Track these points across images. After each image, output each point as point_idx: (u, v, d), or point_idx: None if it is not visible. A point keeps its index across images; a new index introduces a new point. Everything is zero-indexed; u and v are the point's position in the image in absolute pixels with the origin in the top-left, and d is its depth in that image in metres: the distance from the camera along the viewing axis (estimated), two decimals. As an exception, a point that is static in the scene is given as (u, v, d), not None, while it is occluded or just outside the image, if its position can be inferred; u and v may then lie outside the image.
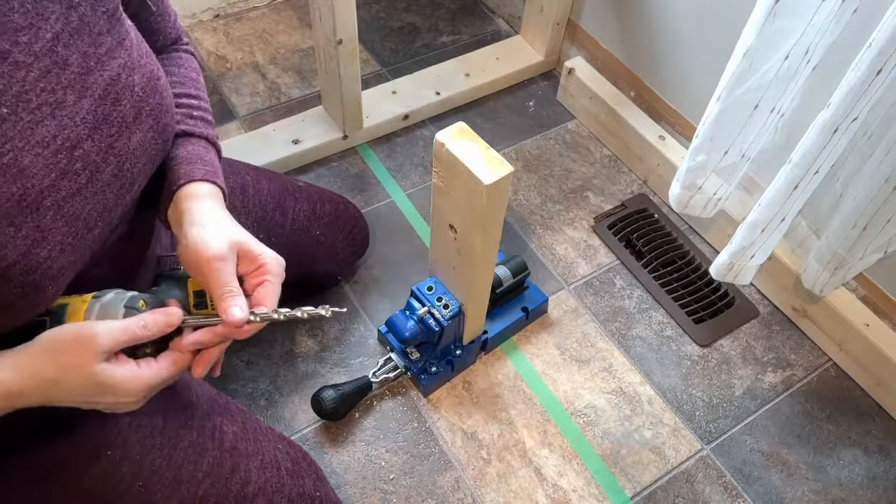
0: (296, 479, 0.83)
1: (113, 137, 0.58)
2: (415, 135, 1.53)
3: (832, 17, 0.89)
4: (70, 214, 0.55)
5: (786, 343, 1.27)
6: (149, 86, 0.61)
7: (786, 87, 1.00)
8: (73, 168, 0.55)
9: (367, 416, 1.14)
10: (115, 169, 0.59)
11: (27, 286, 0.53)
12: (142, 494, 0.71)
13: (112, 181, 0.59)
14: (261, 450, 0.81)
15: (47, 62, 0.53)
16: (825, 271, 1.11)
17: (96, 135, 0.56)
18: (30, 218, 0.52)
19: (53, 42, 0.53)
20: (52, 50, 0.53)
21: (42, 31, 0.52)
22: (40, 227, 0.53)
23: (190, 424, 0.77)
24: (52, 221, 0.54)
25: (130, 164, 0.61)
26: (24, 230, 0.52)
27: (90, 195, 0.57)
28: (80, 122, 0.55)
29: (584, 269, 1.35)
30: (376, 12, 1.78)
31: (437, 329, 1.07)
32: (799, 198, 0.99)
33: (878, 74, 0.81)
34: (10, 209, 0.50)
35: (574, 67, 1.52)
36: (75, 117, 0.55)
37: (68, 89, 0.54)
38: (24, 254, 0.52)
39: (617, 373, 1.22)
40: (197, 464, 0.75)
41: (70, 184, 0.55)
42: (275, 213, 1.02)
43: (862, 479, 1.13)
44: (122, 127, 0.59)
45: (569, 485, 1.09)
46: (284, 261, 0.66)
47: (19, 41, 0.50)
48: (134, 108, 0.59)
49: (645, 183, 1.48)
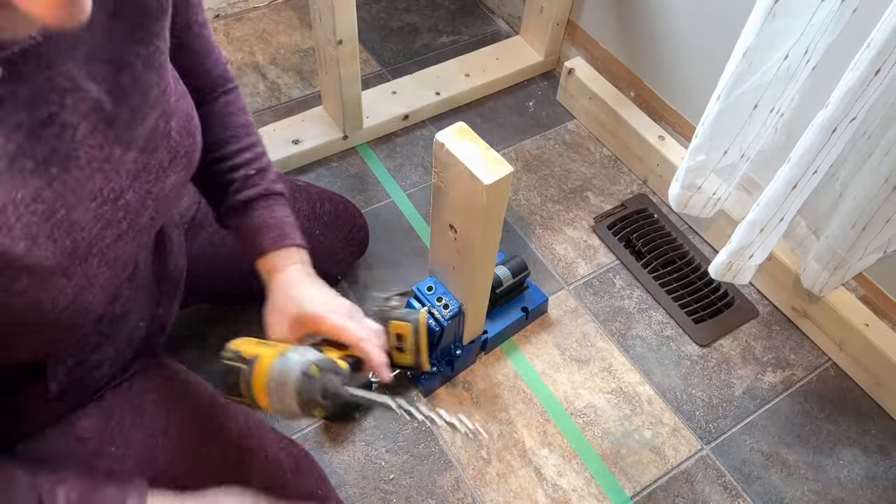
0: (298, 477, 0.84)
1: (150, 184, 0.58)
2: (415, 135, 1.53)
3: (831, 17, 0.89)
4: (112, 259, 0.57)
5: (785, 343, 1.27)
6: (184, 129, 0.61)
7: (785, 87, 1.00)
8: (116, 217, 0.56)
9: (367, 416, 1.14)
10: (153, 212, 0.60)
11: (72, 326, 0.55)
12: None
13: (149, 224, 0.61)
14: (263, 448, 0.82)
15: (94, 119, 0.52)
16: (825, 271, 1.11)
17: (136, 184, 0.57)
18: (79, 268, 0.53)
19: (99, 102, 0.53)
20: (100, 109, 0.53)
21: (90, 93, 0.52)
22: (87, 275, 0.54)
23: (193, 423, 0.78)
24: (98, 268, 0.55)
25: (165, 205, 0.62)
26: (75, 279, 0.53)
27: (129, 239, 0.58)
28: (125, 174, 0.56)
29: (583, 269, 1.35)
30: (376, 12, 1.78)
31: (437, 329, 1.07)
32: (798, 197, 0.99)
33: (877, 74, 0.81)
34: (62, 261, 0.51)
35: (574, 68, 1.52)
36: (120, 169, 0.55)
37: (115, 144, 0.54)
38: (73, 300, 0.53)
39: (617, 373, 1.22)
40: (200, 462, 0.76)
41: (113, 231, 0.56)
42: None
43: (861, 479, 1.13)
44: (160, 172, 0.59)
45: (569, 485, 1.09)
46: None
47: (65, 104, 0.50)
48: (170, 153, 0.60)
49: (645, 183, 1.48)
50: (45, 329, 0.54)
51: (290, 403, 0.66)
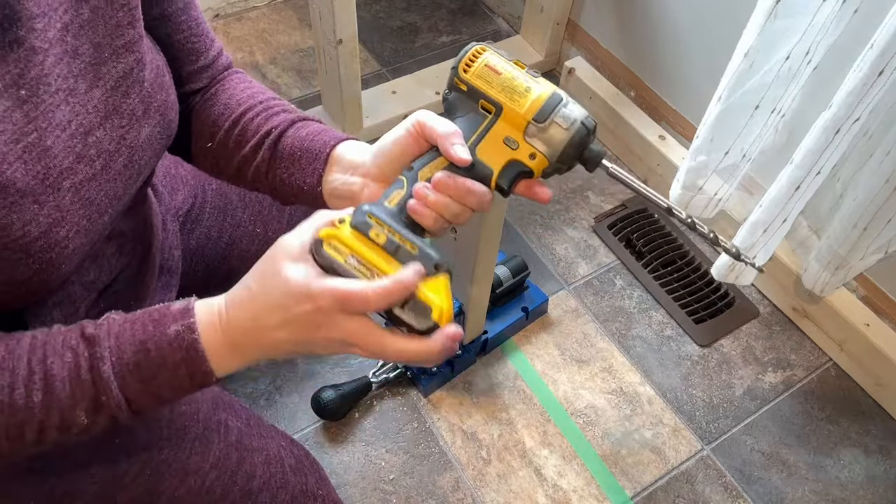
0: (299, 477, 0.84)
1: (124, 129, 0.59)
2: (415, 135, 1.53)
3: (833, 17, 0.89)
4: (86, 198, 0.57)
5: (786, 343, 1.27)
6: (156, 82, 0.62)
7: (787, 88, 1.00)
8: (88, 153, 0.56)
9: (367, 416, 1.14)
10: (127, 160, 0.60)
11: (44, 263, 0.54)
12: (149, 483, 0.72)
13: (123, 171, 0.60)
14: (265, 446, 0.82)
15: (58, 50, 0.54)
16: (825, 271, 1.11)
17: (108, 124, 0.58)
18: (51, 197, 0.53)
19: (63, 32, 0.54)
20: (63, 39, 0.54)
21: (53, 21, 0.53)
22: (60, 208, 0.54)
23: (196, 417, 0.78)
24: (71, 203, 0.55)
25: (139, 157, 0.62)
26: (46, 209, 0.53)
27: (104, 182, 0.58)
28: (92, 111, 0.56)
29: (584, 269, 1.35)
30: (376, 12, 1.78)
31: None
32: (801, 198, 0.99)
33: (880, 76, 0.81)
34: (35, 186, 0.52)
35: (574, 67, 1.52)
36: (87, 105, 0.56)
37: (80, 77, 0.55)
38: (45, 231, 0.53)
39: (617, 373, 1.22)
40: (204, 455, 0.76)
41: (86, 168, 0.56)
42: (272, 208, 1.02)
43: (862, 479, 1.13)
44: (133, 120, 0.60)
45: (569, 485, 1.09)
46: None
47: (35, 28, 0.52)
48: (143, 102, 0.60)
49: (645, 183, 1.48)
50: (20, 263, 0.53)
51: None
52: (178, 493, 0.73)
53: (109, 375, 0.52)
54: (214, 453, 0.77)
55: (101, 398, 0.52)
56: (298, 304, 0.52)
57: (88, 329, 0.53)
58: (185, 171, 0.95)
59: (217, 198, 0.97)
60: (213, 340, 0.54)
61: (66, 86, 0.54)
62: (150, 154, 0.63)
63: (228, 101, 0.72)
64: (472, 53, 0.59)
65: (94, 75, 0.56)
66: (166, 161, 0.95)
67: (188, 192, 0.95)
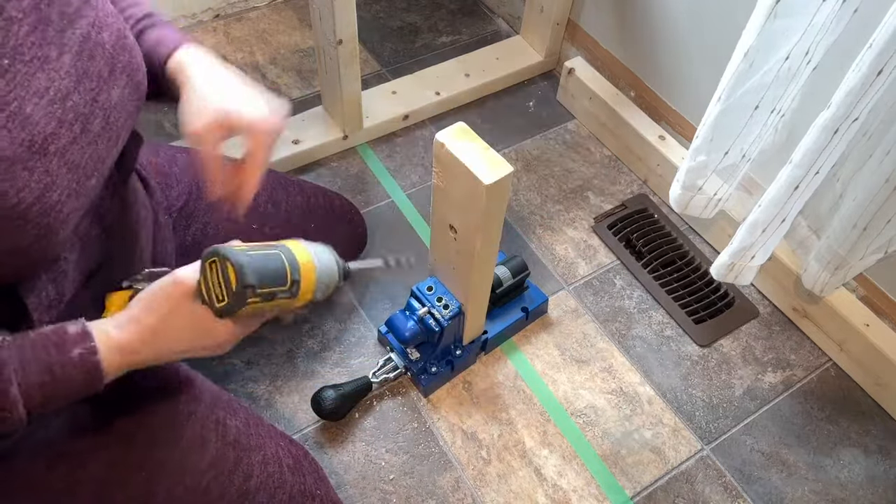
0: (297, 476, 0.84)
1: (95, 91, 0.61)
2: (415, 135, 1.53)
3: (833, 17, 0.89)
4: (71, 162, 0.59)
5: (786, 343, 1.27)
6: (118, 44, 0.64)
7: (786, 88, 1.00)
8: (67, 118, 0.58)
9: (367, 416, 1.14)
10: (103, 122, 0.62)
11: (42, 228, 0.56)
12: (147, 482, 0.72)
13: (101, 133, 0.63)
14: (263, 445, 0.82)
15: (33, 18, 0.56)
16: (825, 271, 1.11)
17: (80, 87, 0.60)
18: (39, 163, 0.55)
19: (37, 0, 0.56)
20: (37, 7, 0.57)
21: None
22: (49, 172, 0.56)
23: (194, 417, 0.78)
24: (58, 168, 0.57)
25: (114, 118, 0.64)
26: (37, 174, 0.55)
27: (85, 145, 0.61)
28: (65, 76, 0.59)
29: (584, 269, 1.35)
30: (376, 12, 1.78)
31: (437, 329, 1.07)
32: (799, 198, 0.99)
33: (879, 75, 0.81)
34: (22, 154, 0.54)
35: (574, 67, 1.52)
36: (60, 71, 0.58)
37: (51, 45, 0.58)
38: (39, 197, 0.55)
39: (617, 373, 1.22)
40: (201, 455, 0.76)
41: (67, 132, 0.58)
42: (267, 205, 1.02)
43: (862, 479, 1.13)
44: (101, 82, 0.62)
45: (569, 485, 1.09)
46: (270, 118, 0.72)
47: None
48: (107, 64, 0.63)
49: (645, 183, 1.48)
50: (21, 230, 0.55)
51: (328, 290, 0.71)
52: (175, 492, 0.74)
53: (16, 396, 0.56)
54: (212, 452, 0.77)
55: (4, 414, 0.57)
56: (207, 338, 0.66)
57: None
58: (179, 169, 0.96)
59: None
60: (111, 360, 0.62)
61: (41, 53, 0.56)
62: (125, 115, 0.66)
63: None
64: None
65: (61, 41, 0.58)
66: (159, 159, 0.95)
67: (181, 189, 0.95)
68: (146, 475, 0.72)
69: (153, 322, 0.63)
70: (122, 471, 0.72)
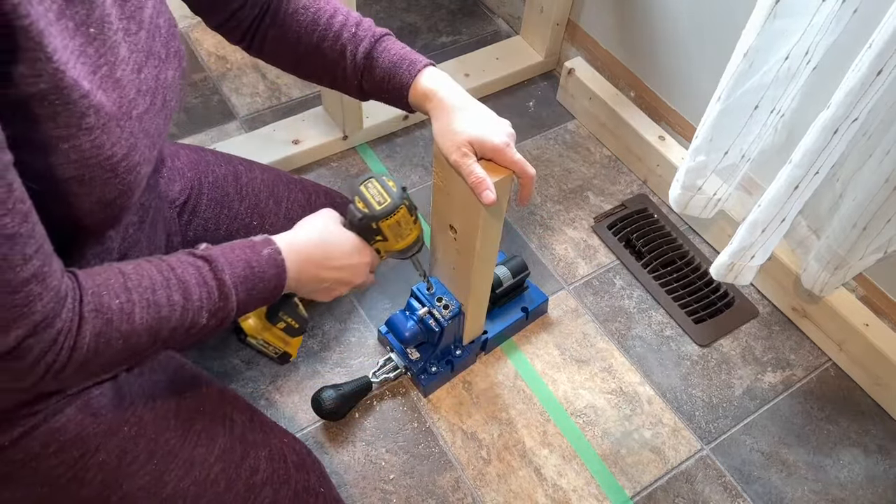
0: (301, 473, 0.85)
1: (158, 69, 0.65)
2: (415, 135, 1.53)
3: (832, 17, 0.89)
4: (146, 130, 0.62)
5: (785, 343, 1.27)
6: (170, 31, 0.68)
7: (786, 88, 1.00)
8: (142, 88, 0.62)
9: (367, 416, 1.14)
10: (163, 98, 0.66)
11: (125, 185, 0.60)
12: (156, 472, 0.73)
13: (162, 108, 0.66)
14: (269, 441, 0.83)
15: None
16: (825, 271, 1.11)
17: (149, 63, 0.63)
18: (127, 124, 0.59)
19: None
20: None
21: None
22: (133, 134, 0.59)
23: (202, 410, 0.79)
24: (139, 132, 0.61)
25: (169, 98, 0.67)
26: (125, 133, 0.58)
27: (152, 115, 0.64)
28: (139, 50, 0.62)
29: (583, 269, 1.35)
30: (376, 12, 1.78)
31: (437, 329, 1.07)
32: (799, 198, 0.99)
33: (879, 75, 0.81)
34: (114, 112, 0.57)
35: (574, 68, 1.52)
36: (137, 45, 0.61)
37: (130, 20, 0.61)
38: (126, 154, 0.58)
39: (617, 373, 1.22)
40: (209, 447, 0.77)
41: (143, 101, 0.62)
42: (268, 201, 1.03)
43: (862, 479, 1.13)
44: (160, 61, 0.65)
45: (569, 485, 1.09)
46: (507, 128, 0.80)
47: None
48: (164, 47, 0.66)
49: (645, 183, 1.48)
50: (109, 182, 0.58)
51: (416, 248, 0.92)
52: (182, 483, 0.74)
53: (230, 285, 0.66)
54: (220, 446, 0.78)
55: (221, 303, 0.66)
56: (354, 255, 0.83)
57: (197, 253, 0.67)
58: (182, 163, 0.96)
59: (213, 190, 0.98)
60: (291, 259, 0.73)
61: (122, 26, 0.60)
62: (175, 98, 0.69)
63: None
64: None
65: (140, 18, 0.62)
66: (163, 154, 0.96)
67: (185, 184, 0.96)
68: (155, 466, 0.73)
69: (317, 232, 0.79)
70: (132, 461, 0.72)
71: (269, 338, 0.84)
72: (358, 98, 0.86)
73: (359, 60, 0.80)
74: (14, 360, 0.53)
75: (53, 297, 0.54)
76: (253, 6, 0.80)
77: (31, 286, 0.52)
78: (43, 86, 0.50)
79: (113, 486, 0.71)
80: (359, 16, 0.82)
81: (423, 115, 0.82)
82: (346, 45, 0.80)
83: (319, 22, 0.80)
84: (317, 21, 0.80)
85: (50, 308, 0.53)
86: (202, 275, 0.65)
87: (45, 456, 0.69)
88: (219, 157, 1.03)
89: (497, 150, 0.78)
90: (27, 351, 0.53)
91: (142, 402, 0.75)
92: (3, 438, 0.66)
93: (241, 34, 0.82)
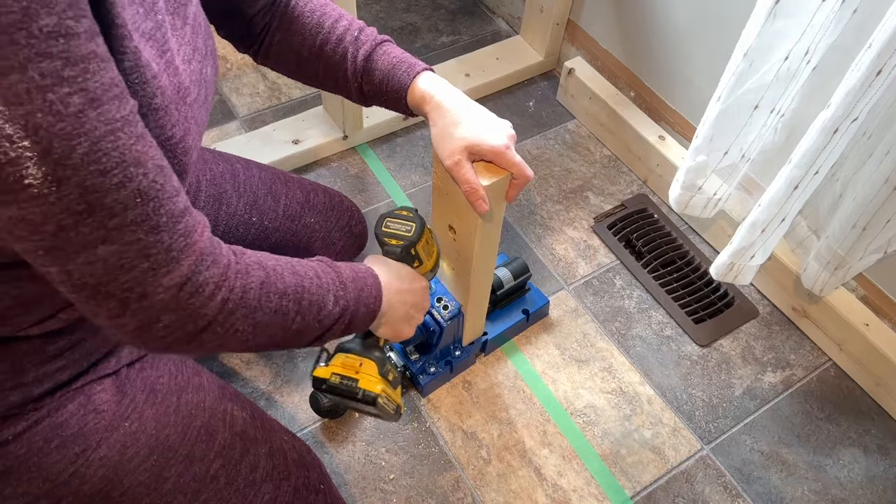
0: (301, 470, 0.85)
1: (200, 63, 0.65)
2: (415, 135, 1.53)
3: (832, 17, 0.89)
4: (195, 118, 0.63)
5: (785, 343, 1.27)
6: (207, 30, 0.69)
7: (786, 88, 1.00)
8: (192, 80, 0.63)
9: (368, 416, 1.14)
10: (204, 93, 0.67)
11: (181, 167, 0.60)
12: (156, 468, 0.73)
13: (204, 103, 0.67)
14: (269, 438, 0.83)
15: None
16: (825, 271, 1.11)
17: (194, 58, 0.64)
18: (183, 109, 0.59)
19: None
20: None
21: None
22: (188, 119, 0.60)
23: (202, 406, 0.79)
24: (192, 119, 0.61)
25: (208, 92, 0.68)
26: (182, 117, 0.59)
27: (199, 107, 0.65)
28: (187, 44, 0.63)
29: (583, 269, 1.35)
30: (376, 12, 1.78)
31: (436, 330, 1.07)
32: (799, 198, 0.99)
33: (878, 75, 0.81)
34: (174, 96, 0.58)
35: (574, 67, 1.52)
36: (185, 38, 0.62)
37: (176, 15, 0.62)
38: (182, 137, 0.59)
39: (617, 373, 1.22)
40: (209, 443, 0.77)
41: (194, 91, 0.63)
42: (266, 199, 1.03)
43: (861, 478, 1.13)
44: (202, 57, 0.66)
45: (569, 485, 1.09)
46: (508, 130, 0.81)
47: None
48: (204, 44, 0.67)
49: (645, 183, 1.48)
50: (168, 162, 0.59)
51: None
52: (182, 479, 0.74)
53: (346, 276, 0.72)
54: (220, 442, 0.78)
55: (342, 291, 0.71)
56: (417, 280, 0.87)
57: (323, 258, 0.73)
58: None
59: (211, 187, 0.98)
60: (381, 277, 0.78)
61: (170, 20, 0.60)
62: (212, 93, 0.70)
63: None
64: None
65: (185, 13, 0.63)
66: None
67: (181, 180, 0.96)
68: (155, 461, 0.73)
69: (377, 263, 0.82)
70: (133, 457, 0.72)
71: (390, 393, 0.88)
72: (360, 103, 0.87)
73: (359, 63, 0.81)
74: (191, 294, 0.55)
75: (208, 234, 0.57)
76: (265, 13, 0.82)
77: (188, 217, 0.54)
78: (127, 63, 0.51)
79: (114, 481, 0.72)
80: (362, 23, 0.84)
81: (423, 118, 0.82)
82: (348, 48, 0.82)
83: (323, 26, 0.82)
84: (321, 25, 0.82)
85: (208, 241, 0.56)
86: (322, 262, 0.71)
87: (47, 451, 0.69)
88: (216, 156, 1.03)
89: (496, 153, 0.79)
90: (203, 284, 0.55)
91: (143, 398, 0.75)
92: (7, 433, 0.66)
93: (250, 41, 0.84)
